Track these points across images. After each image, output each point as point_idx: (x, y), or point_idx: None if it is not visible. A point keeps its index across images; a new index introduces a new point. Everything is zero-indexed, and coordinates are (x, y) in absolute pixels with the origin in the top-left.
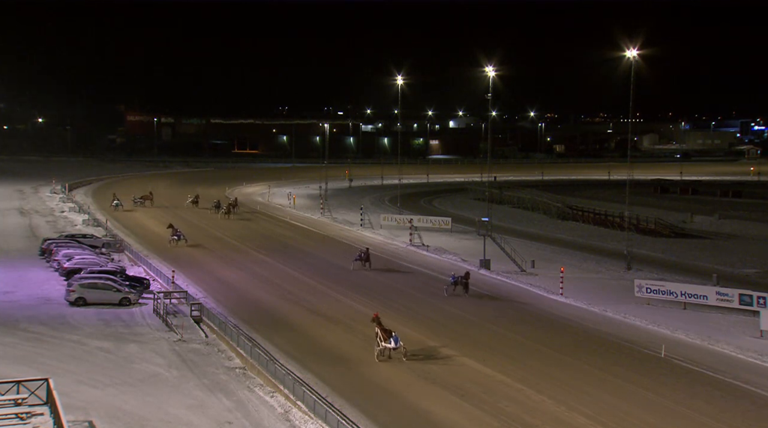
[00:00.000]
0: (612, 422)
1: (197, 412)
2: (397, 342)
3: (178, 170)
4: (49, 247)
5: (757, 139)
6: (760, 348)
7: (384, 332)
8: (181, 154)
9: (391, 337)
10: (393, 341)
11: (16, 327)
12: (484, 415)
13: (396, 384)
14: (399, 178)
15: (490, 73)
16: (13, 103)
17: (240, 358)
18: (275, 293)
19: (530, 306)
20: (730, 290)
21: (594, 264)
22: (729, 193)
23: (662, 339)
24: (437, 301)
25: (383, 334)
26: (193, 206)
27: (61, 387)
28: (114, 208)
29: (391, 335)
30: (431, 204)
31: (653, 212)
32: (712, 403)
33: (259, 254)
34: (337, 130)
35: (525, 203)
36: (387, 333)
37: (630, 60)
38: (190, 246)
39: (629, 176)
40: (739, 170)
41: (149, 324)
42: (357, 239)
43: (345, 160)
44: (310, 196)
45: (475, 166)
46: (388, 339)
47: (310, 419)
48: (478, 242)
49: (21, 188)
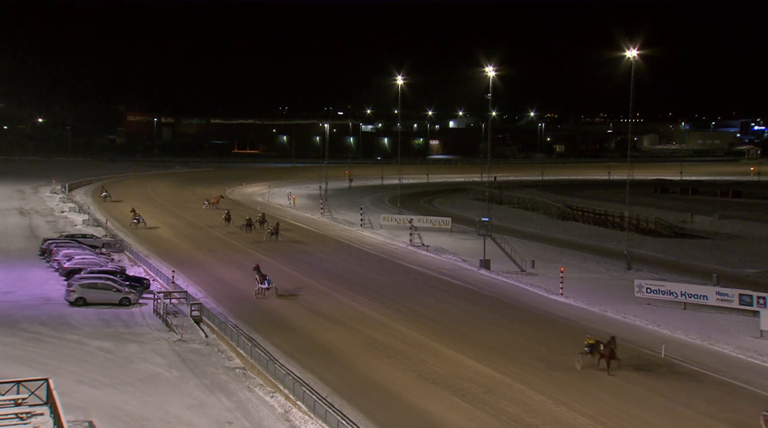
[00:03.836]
0: (612, 422)
1: (197, 412)
2: (269, 284)
3: (178, 170)
4: (49, 247)
5: (757, 139)
6: (760, 348)
7: (260, 276)
8: (181, 154)
9: (265, 280)
10: (266, 282)
11: (16, 327)
12: (484, 415)
13: (396, 384)
14: (399, 178)
15: (490, 73)
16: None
17: (240, 358)
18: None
19: (530, 306)
20: (730, 290)
21: (594, 264)
22: (729, 193)
23: (662, 339)
24: (437, 301)
25: (260, 278)
26: (227, 224)
27: (61, 387)
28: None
29: (265, 278)
30: (431, 204)
31: (653, 212)
32: (712, 403)
33: (259, 255)
34: (337, 130)
35: (525, 203)
36: (262, 277)
37: (630, 60)
38: (191, 247)
39: (629, 176)
40: (739, 170)
41: (149, 324)
42: (357, 239)
43: (345, 160)
44: (310, 196)
45: (475, 166)
46: (263, 282)
47: (310, 419)
48: (478, 242)
49: (21, 188)
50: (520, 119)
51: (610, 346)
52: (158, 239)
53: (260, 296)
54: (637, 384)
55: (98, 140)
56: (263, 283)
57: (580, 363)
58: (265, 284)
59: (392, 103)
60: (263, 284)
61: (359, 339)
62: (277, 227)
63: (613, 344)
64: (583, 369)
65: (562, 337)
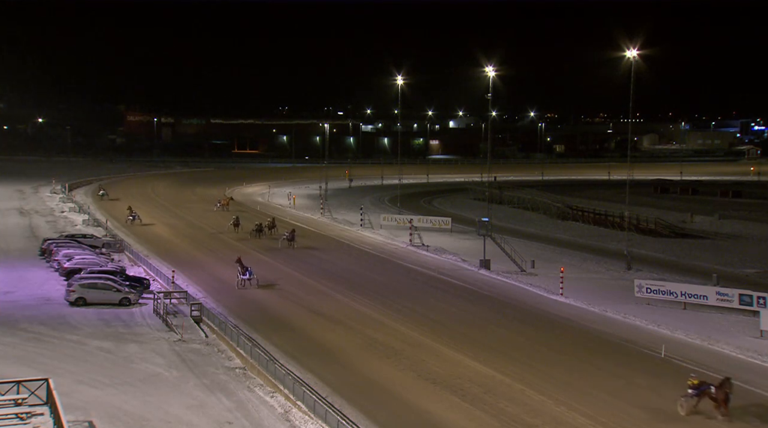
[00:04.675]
0: (612, 422)
1: (197, 412)
2: (250, 275)
3: (178, 170)
4: (49, 247)
5: (757, 139)
6: (760, 348)
7: (242, 267)
8: (181, 154)
9: (246, 271)
10: (248, 273)
11: (16, 327)
12: (484, 415)
13: (396, 384)
14: (399, 178)
15: (490, 73)
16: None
17: (240, 358)
18: (275, 293)
19: (530, 306)
20: (730, 290)
21: (594, 264)
22: (729, 193)
23: (662, 339)
24: (437, 301)
25: (241, 269)
26: (235, 230)
27: (61, 387)
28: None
29: (246, 270)
30: (431, 204)
31: (653, 212)
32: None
33: (258, 255)
34: (337, 130)
35: (525, 203)
36: (244, 268)
37: (630, 60)
38: (191, 247)
39: (629, 176)
40: (739, 170)
41: (149, 324)
42: (357, 239)
43: (345, 160)
44: (310, 196)
45: (475, 166)
46: (244, 273)
47: (310, 419)
48: (478, 242)
49: (21, 188)
50: (520, 119)
51: (725, 389)
52: (158, 239)
53: (241, 287)
54: (637, 384)
55: (98, 140)
56: (244, 274)
57: (684, 408)
58: (246, 276)
59: (392, 103)
60: (244, 275)
61: (359, 339)
62: (293, 234)
63: (727, 386)
64: (689, 416)
65: (562, 337)
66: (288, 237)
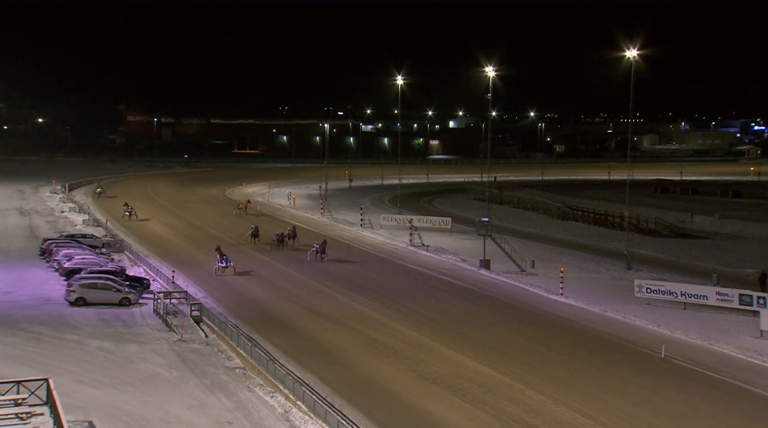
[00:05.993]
0: (612, 422)
1: (197, 412)
2: (227, 263)
3: (178, 170)
4: (49, 247)
5: (757, 139)
6: (760, 348)
7: (220, 255)
8: (181, 154)
9: (223, 259)
10: (224, 261)
11: (16, 327)
12: (484, 415)
13: (396, 384)
14: (399, 178)
15: (490, 73)
16: (13, 104)
17: (240, 358)
18: (275, 293)
19: (530, 306)
20: (730, 290)
21: (594, 264)
22: (729, 193)
23: (662, 339)
24: (437, 301)
25: (219, 257)
26: (253, 240)
27: (61, 387)
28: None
29: (223, 257)
30: (431, 204)
31: (653, 212)
32: (712, 403)
33: (258, 255)
34: (337, 130)
35: (525, 203)
36: (222, 256)
37: (630, 60)
38: (191, 247)
39: (629, 176)
40: (739, 170)
41: (149, 324)
42: (357, 239)
43: (345, 160)
44: (310, 196)
45: (475, 166)
46: (221, 261)
47: (310, 419)
48: (478, 242)
49: (21, 188)
50: (520, 119)
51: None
52: (158, 238)
53: (219, 273)
54: (637, 384)
55: (98, 140)
56: (221, 262)
57: None
58: (224, 263)
59: (392, 103)
60: (221, 262)
61: (359, 339)
62: (324, 245)
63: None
64: None
65: (562, 337)
66: (318, 250)
